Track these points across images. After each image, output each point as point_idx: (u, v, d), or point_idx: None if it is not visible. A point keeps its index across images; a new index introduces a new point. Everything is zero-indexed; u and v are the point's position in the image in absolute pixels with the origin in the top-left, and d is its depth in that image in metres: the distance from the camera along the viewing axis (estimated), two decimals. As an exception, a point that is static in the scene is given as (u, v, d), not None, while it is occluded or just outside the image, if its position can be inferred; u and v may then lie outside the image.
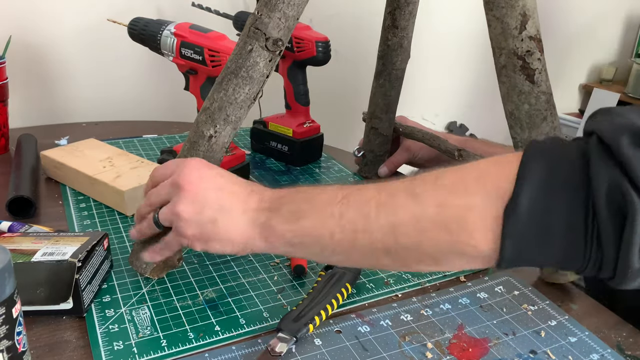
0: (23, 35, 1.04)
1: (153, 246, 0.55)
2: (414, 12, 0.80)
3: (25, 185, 0.76)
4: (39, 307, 0.54)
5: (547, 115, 0.58)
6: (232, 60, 0.56)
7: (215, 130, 0.57)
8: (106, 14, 0.91)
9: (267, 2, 0.54)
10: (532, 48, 0.56)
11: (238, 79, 0.55)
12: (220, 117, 0.57)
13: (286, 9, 0.54)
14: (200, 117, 0.58)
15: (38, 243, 0.57)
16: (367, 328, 0.56)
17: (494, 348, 0.55)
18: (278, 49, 0.55)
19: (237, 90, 0.56)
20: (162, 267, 0.60)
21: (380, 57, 0.84)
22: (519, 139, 0.60)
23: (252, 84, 0.56)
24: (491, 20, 0.57)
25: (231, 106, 0.56)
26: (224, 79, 0.56)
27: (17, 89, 0.96)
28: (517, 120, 0.59)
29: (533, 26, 0.56)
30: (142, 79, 1.20)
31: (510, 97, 0.59)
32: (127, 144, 0.98)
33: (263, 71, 0.56)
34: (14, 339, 0.41)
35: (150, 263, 0.58)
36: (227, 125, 0.57)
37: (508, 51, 0.57)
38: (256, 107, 1.02)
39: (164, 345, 0.52)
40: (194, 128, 0.58)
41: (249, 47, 0.55)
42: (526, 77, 0.57)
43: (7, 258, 0.39)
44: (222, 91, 0.56)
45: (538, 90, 0.58)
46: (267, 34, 0.54)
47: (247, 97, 0.56)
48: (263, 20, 0.54)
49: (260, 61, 0.55)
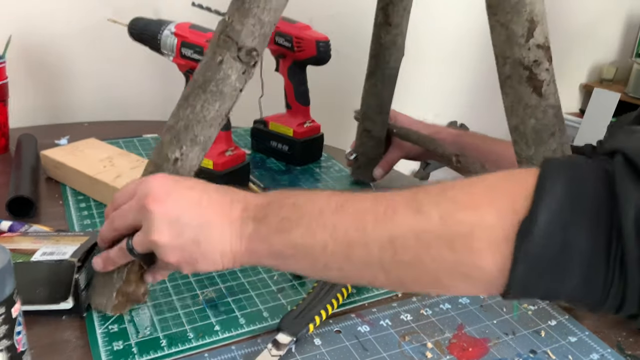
0: (23, 35, 1.04)
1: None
2: (409, 7, 0.76)
3: (25, 185, 0.76)
4: (39, 307, 0.54)
5: (555, 130, 0.54)
6: (199, 72, 0.49)
7: (181, 153, 0.50)
8: (106, 14, 0.91)
9: (239, 7, 0.48)
10: (539, 57, 0.51)
11: (207, 94, 0.49)
12: (186, 138, 0.50)
13: (261, 15, 0.47)
14: (164, 138, 0.51)
15: (38, 243, 0.57)
16: (367, 328, 0.56)
17: (494, 348, 0.55)
18: (253, 59, 0.49)
19: (205, 107, 0.49)
20: (124, 302, 0.55)
21: (373, 56, 0.81)
22: (523, 155, 0.56)
23: (222, 99, 0.49)
24: (495, 26, 0.53)
25: (199, 125, 0.50)
26: (191, 94, 0.50)
27: (17, 89, 0.96)
28: (522, 135, 0.55)
29: (541, 33, 0.51)
30: (142, 79, 1.20)
31: (515, 110, 0.54)
32: (127, 144, 0.98)
33: (235, 85, 0.49)
34: (14, 339, 0.41)
35: (111, 299, 0.53)
36: (195, 146, 0.50)
37: (513, 60, 0.52)
38: (256, 107, 1.02)
39: (164, 345, 0.52)
40: (158, 149, 0.51)
41: (218, 58, 0.48)
42: (533, 89, 0.52)
43: (7, 258, 0.39)
44: (189, 108, 0.50)
45: (546, 104, 0.53)
46: (239, 43, 0.48)
47: (217, 114, 0.50)
48: (234, 27, 0.48)
49: (232, 74, 0.49)
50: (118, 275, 0.53)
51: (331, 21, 1.33)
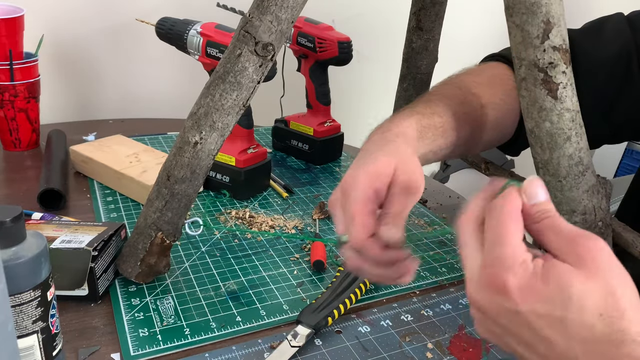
0: (54, 35, 1.07)
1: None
2: (441, 13, 0.77)
3: (55, 178, 0.78)
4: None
5: (571, 135, 0.52)
6: (221, 64, 0.53)
7: (200, 137, 0.54)
8: (134, 14, 0.94)
9: (258, 4, 0.51)
10: (555, 60, 0.50)
11: (225, 84, 0.53)
12: (206, 124, 0.54)
13: (279, 12, 0.50)
14: (187, 123, 0.55)
15: (58, 231, 0.59)
16: (367, 328, 0.57)
17: (495, 348, 0.55)
18: (269, 54, 0.52)
19: (224, 96, 0.53)
20: (147, 272, 0.59)
21: (405, 60, 0.82)
22: (539, 159, 0.55)
23: (240, 90, 0.53)
24: (511, 27, 0.52)
25: (217, 112, 0.53)
26: (212, 84, 0.53)
27: (47, 86, 1.00)
28: (538, 139, 0.54)
29: (558, 35, 0.50)
30: (168, 78, 1.23)
31: (530, 113, 0.54)
32: (152, 141, 1.01)
33: (252, 77, 0.52)
34: (48, 321, 0.43)
35: (136, 268, 0.58)
36: (213, 132, 0.54)
37: (528, 62, 0.51)
38: (278, 107, 1.03)
39: (187, 334, 0.54)
40: (181, 133, 0.56)
41: (237, 52, 0.52)
42: (548, 91, 0.51)
43: (44, 244, 0.42)
44: (209, 96, 0.53)
45: (561, 107, 0.51)
46: (257, 38, 0.51)
47: (234, 103, 0.53)
48: (254, 23, 0.51)
49: (249, 66, 0.52)
50: (142, 247, 0.57)
51: (353, 22, 1.35)
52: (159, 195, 0.56)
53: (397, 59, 0.85)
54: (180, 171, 0.55)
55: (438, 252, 0.72)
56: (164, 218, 0.57)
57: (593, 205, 0.55)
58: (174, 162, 0.55)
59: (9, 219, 0.39)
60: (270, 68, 0.54)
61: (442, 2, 0.77)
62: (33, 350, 0.43)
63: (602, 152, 1.33)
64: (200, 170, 0.56)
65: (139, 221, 0.58)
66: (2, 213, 0.39)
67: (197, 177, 0.56)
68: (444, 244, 0.74)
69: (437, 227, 0.79)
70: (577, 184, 0.54)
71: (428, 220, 0.80)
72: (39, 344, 0.43)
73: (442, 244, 0.74)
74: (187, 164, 0.55)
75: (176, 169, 0.55)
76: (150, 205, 0.57)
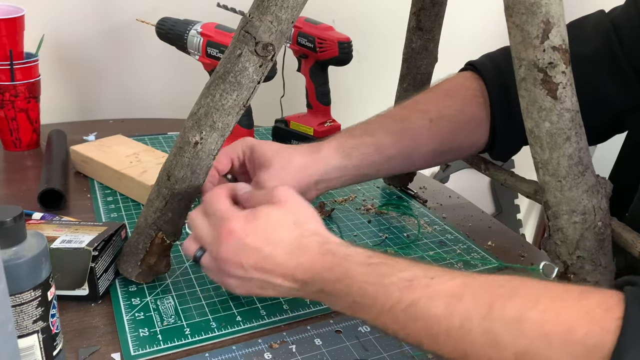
0: (55, 35, 1.07)
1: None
2: (441, 13, 0.77)
3: (55, 178, 0.78)
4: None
5: (570, 135, 0.53)
6: (221, 64, 0.53)
7: (201, 137, 0.54)
8: (135, 14, 0.94)
9: (258, 5, 0.51)
10: (555, 60, 0.51)
11: (226, 84, 0.53)
12: (206, 124, 0.54)
13: (279, 12, 0.51)
14: (187, 123, 0.56)
15: (59, 231, 0.59)
16: (367, 328, 0.56)
17: None
18: (269, 54, 0.52)
19: (224, 96, 0.53)
20: (147, 272, 0.59)
21: (405, 60, 0.82)
22: (539, 159, 0.56)
23: (240, 90, 0.53)
24: (511, 27, 0.52)
25: (217, 112, 0.54)
26: (212, 84, 0.54)
27: (48, 86, 1.00)
28: (537, 139, 0.54)
29: (558, 35, 0.50)
30: (168, 78, 1.23)
31: (529, 113, 0.54)
32: (153, 141, 1.01)
33: (253, 77, 0.53)
34: (49, 321, 0.43)
35: (136, 268, 0.59)
36: (214, 132, 0.54)
37: (528, 62, 0.52)
38: (278, 106, 1.03)
39: (187, 334, 0.54)
40: (181, 133, 0.56)
41: (237, 52, 0.52)
42: (547, 91, 0.51)
43: (44, 243, 0.42)
44: (210, 96, 0.54)
45: (561, 107, 0.52)
46: (257, 38, 0.51)
47: (234, 103, 0.54)
48: (254, 23, 0.51)
49: (249, 66, 0.52)
50: (142, 247, 0.57)
51: (353, 22, 1.35)
52: (159, 195, 0.56)
53: (397, 59, 0.85)
54: (180, 171, 0.55)
55: (438, 252, 0.72)
56: (165, 218, 0.57)
57: (593, 205, 0.55)
58: (174, 162, 0.55)
59: (10, 219, 0.39)
60: (270, 68, 0.54)
61: (442, 2, 0.77)
62: (33, 350, 0.43)
63: (602, 152, 1.33)
64: (201, 170, 0.56)
65: (139, 221, 0.58)
66: (3, 213, 0.39)
67: (197, 177, 0.56)
68: (444, 244, 0.74)
69: (436, 227, 0.79)
70: (576, 184, 0.54)
71: (428, 220, 0.80)
72: (40, 344, 0.43)
73: (442, 244, 0.74)
74: (187, 164, 0.55)
75: (176, 169, 0.55)
76: (151, 205, 0.57)
